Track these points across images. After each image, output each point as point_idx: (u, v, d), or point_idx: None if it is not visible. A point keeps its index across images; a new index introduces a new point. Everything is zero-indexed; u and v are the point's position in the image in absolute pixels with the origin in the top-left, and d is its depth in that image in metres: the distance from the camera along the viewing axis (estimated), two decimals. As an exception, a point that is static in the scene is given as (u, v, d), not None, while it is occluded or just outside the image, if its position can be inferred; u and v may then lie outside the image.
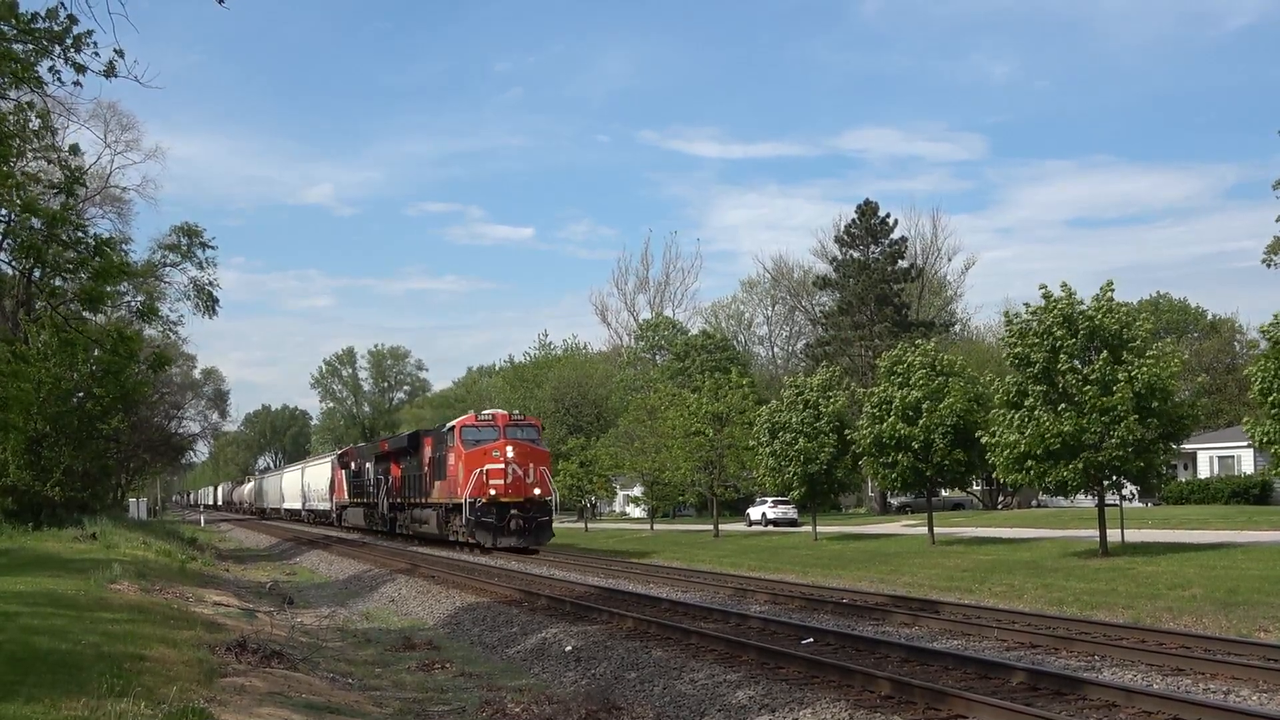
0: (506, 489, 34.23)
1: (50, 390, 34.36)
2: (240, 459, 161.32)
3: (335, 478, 59.39)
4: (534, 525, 34.59)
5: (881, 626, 15.86)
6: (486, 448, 34.60)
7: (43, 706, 8.72)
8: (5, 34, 14.13)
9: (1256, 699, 10.39)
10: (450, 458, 35.87)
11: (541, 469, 35.18)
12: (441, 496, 37.26)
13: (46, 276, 18.05)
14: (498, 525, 33.95)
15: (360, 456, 54.48)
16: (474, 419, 36.25)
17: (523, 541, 34.09)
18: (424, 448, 40.00)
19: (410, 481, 42.44)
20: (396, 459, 45.01)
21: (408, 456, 43.12)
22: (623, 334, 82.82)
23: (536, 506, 34.81)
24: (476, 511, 34.13)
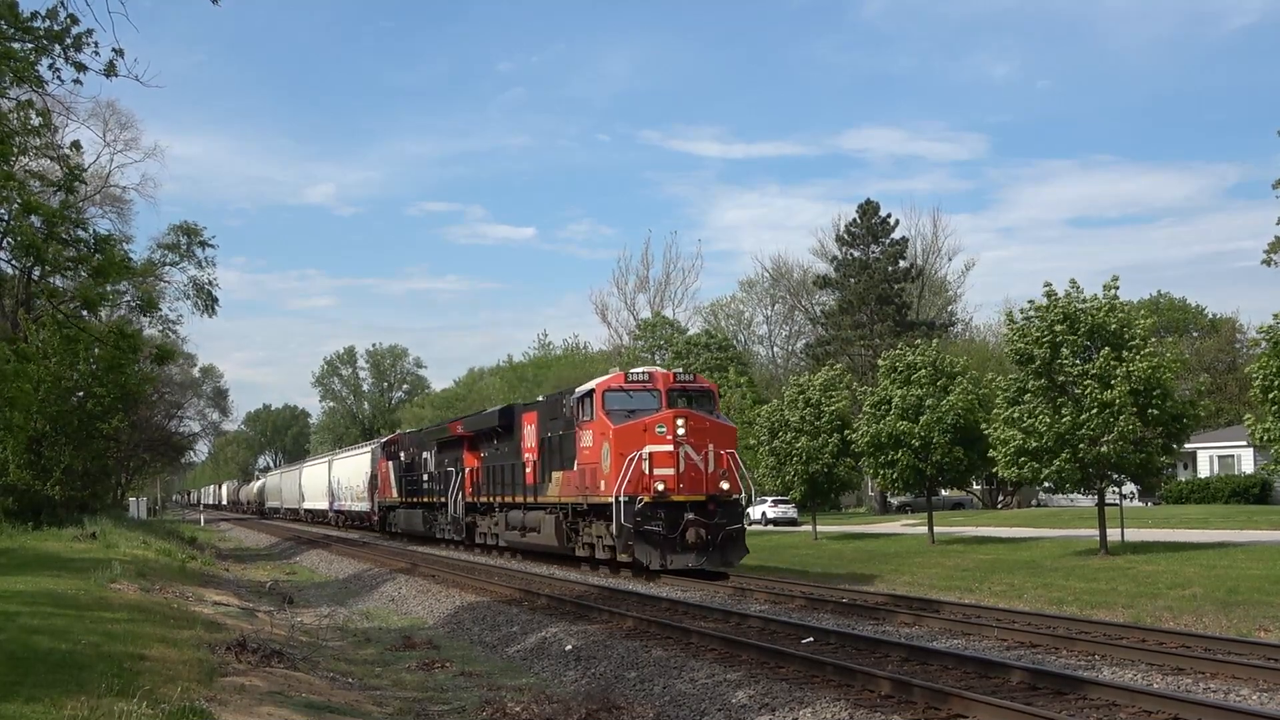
0: (680, 482, 23.17)
1: (50, 389, 34.36)
2: (240, 458, 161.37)
3: (379, 472, 48.78)
4: (721, 537, 23.29)
5: (882, 626, 15.86)
6: (646, 422, 23.42)
7: (43, 706, 8.72)
8: (5, 33, 14.13)
9: (1256, 699, 10.39)
10: (585, 437, 25.00)
11: (728, 453, 23.81)
12: (565, 494, 26.25)
13: (46, 275, 18.05)
14: (668, 536, 22.95)
15: (415, 445, 43.78)
16: (622, 380, 24.88)
17: (705, 561, 23.16)
18: (521, 427, 29.80)
19: (499, 474, 31.74)
20: (474, 445, 34.72)
21: (493, 441, 32.73)
22: (623, 333, 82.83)
23: (724, 509, 23.58)
24: (635, 517, 22.95)
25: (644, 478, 23.13)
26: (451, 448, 37.12)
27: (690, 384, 25.28)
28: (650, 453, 23.28)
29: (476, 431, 34.38)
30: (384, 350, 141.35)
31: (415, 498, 42.21)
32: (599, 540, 25.05)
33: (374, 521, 50.72)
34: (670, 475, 23.21)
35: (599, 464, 24.06)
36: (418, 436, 44.55)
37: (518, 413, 30.94)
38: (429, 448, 40.42)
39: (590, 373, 65.44)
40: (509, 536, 30.93)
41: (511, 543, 31.03)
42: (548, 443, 27.59)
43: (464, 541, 35.93)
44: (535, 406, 29.89)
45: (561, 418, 26.72)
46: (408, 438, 46.61)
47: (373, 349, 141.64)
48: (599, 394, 24.43)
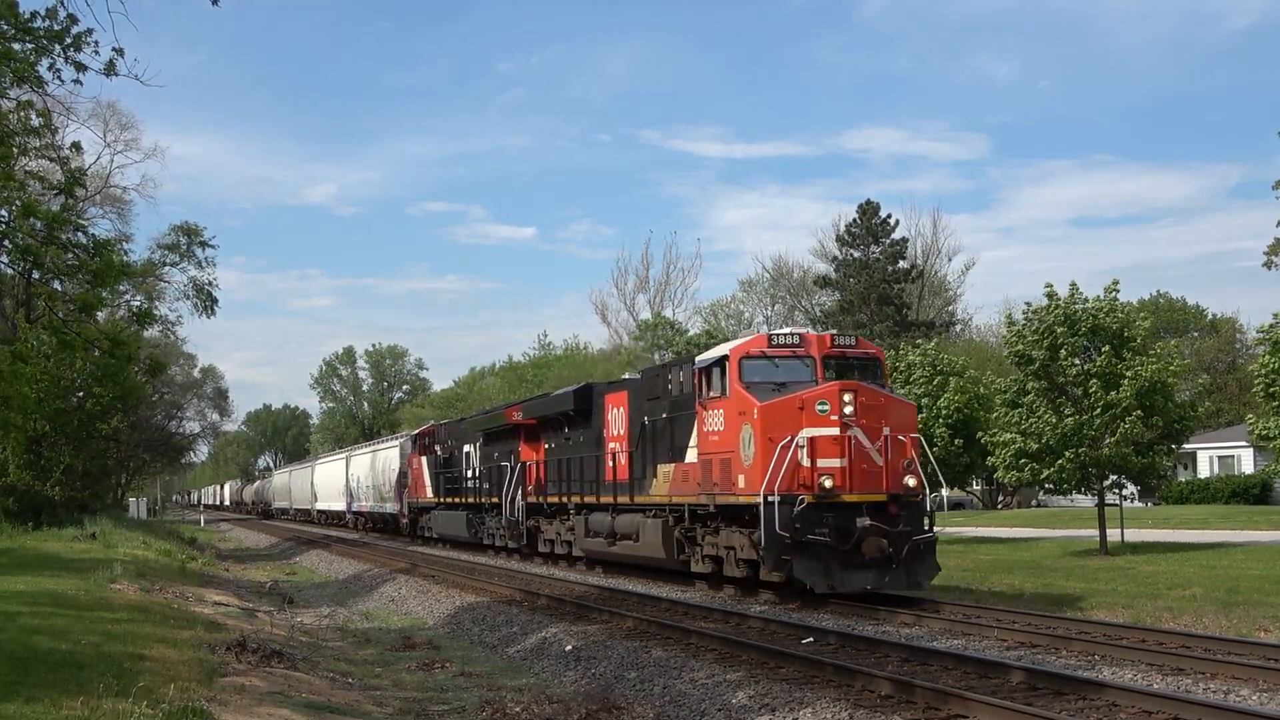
0: (851, 477, 17.63)
1: (48, 389, 34.37)
2: (241, 458, 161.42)
3: (410, 469, 43.22)
4: (906, 548, 17.68)
5: (881, 626, 15.86)
6: (803, 398, 17.81)
7: (43, 706, 8.73)
8: (5, 33, 14.14)
9: (1256, 699, 10.39)
10: (712, 419, 19.39)
11: (908, 438, 18.31)
12: (676, 492, 20.68)
13: (45, 278, 18.06)
14: (837, 549, 17.38)
15: (455, 437, 38.41)
16: (764, 344, 19.06)
17: (888, 581, 17.67)
18: (604, 411, 24.57)
19: (572, 469, 26.26)
20: (534, 434, 29.55)
21: (562, 429, 27.60)
22: (623, 333, 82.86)
23: (908, 511, 18.03)
24: (794, 523, 17.26)
25: (800, 471, 17.51)
26: (503, 439, 31.85)
27: (851, 348, 19.43)
28: (810, 438, 17.54)
29: (539, 418, 29.06)
30: (384, 350, 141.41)
31: (456, 498, 36.51)
32: (731, 552, 19.15)
33: (403, 525, 44.77)
34: (838, 468, 17.55)
35: (735, 453, 18.39)
36: (458, 427, 38.72)
37: (598, 394, 25.64)
38: (472, 440, 35.10)
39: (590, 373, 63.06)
40: (591, 545, 25.00)
41: (594, 553, 25.39)
42: (649, 429, 21.93)
43: (522, 550, 30.25)
44: (624, 385, 24.55)
45: (666, 397, 21.34)
46: (445, 429, 41.05)
47: (372, 349, 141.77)
48: (734, 361, 18.69)
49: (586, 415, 25.93)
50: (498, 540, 32.29)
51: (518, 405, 31.91)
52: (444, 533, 38.14)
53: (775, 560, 17.58)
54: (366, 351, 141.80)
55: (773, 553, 17.49)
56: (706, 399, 19.53)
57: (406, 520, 43.87)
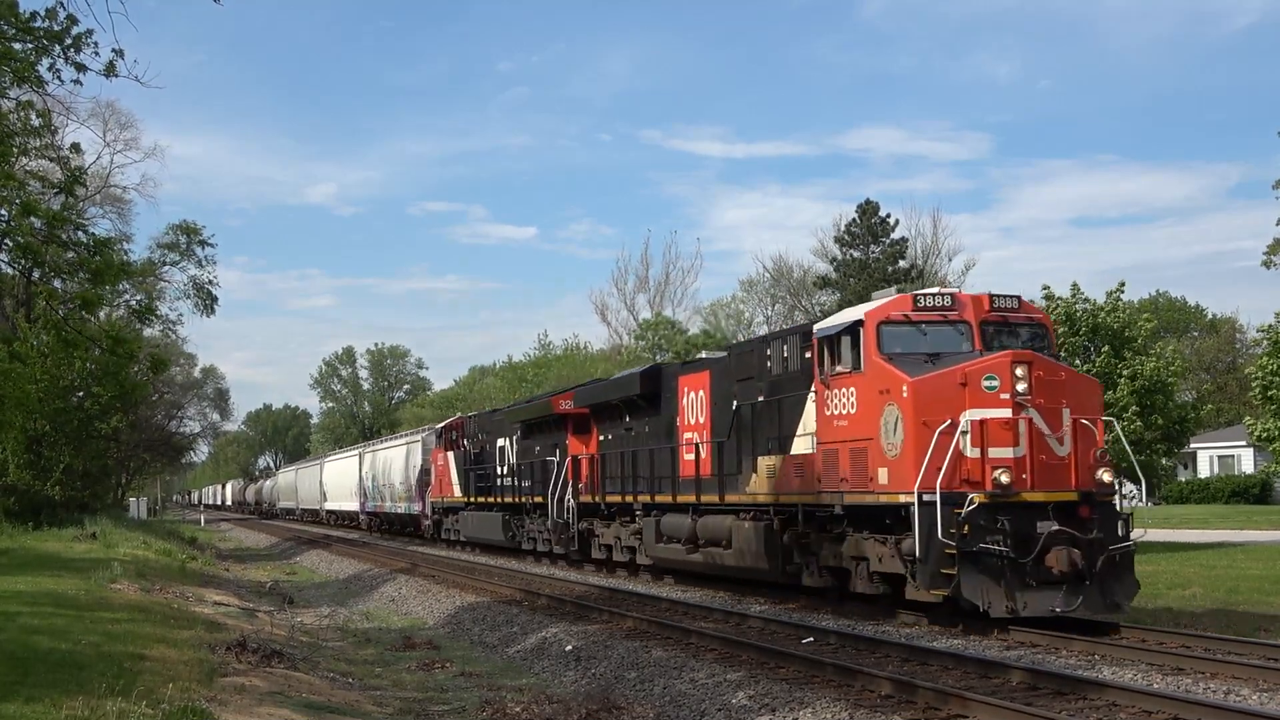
0: (1030, 471, 14.36)
1: (48, 389, 34.39)
2: (241, 458, 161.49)
3: (435, 465, 39.31)
4: (1101, 560, 14.34)
5: (881, 626, 15.86)
6: (965, 371, 14.61)
7: (43, 706, 8.73)
8: (5, 33, 14.15)
9: (1256, 699, 10.39)
10: (837, 400, 15.93)
11: (1095, 423, 14.95)
12: (784, 489, 17.32)
13: (45, 277, 18.08)
14: (1017, 561, 14.06)
15: (487, 429, 34.63)
16: (908, 305, 15.65)
17: (1080, 602, 14.21)
18: (678, 395, 21.46)
19: (635, 463, 23.09)
20: (584, 425, 26.58)
21: (622, 418, 24.42)
22: (623, 333, 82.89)
23: (1101, 514, 14.67)
24: (961, 528, 14.03)
25: (965, 463, 14.22)
26: (546, 430, 28.75)
27: (1014, 312, 15.93)
28: (977, 421, 14.19)
29: (594, 406, 25.86)
30: (384, 350, 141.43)
31: (489, 497, 32.99)
32: (861, 565, 15.74)
33: (425, 527, 41.28)
34: (1012, 459, 14.20)
35: (873, 441, 15.00)
36: (491, 419, 35.05)
37: (669, 376, 22.47)
38: (508, 432, 31.83)
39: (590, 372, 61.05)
40: (663, 552, 21.74)
41: (666, 561, 22.02)
42: (742, 415, 18.63)
43: (571, 556, 27.11)
44: (703, 365, 21.41)
45: (763, 376, 18.08)
46: (475, 421, 37.10)
47: (373, 349, 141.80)
48: (872, 327, 15.27)
49: (654, 401, 22.72)
50: (540, 545, 28.91)
51: (565, 392, 28.76)
52: (474, 536, 34.70)
53: (933, 575, 14.01)
54: (367, 351, 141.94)
55: (931, 566, 13.94)
56: (830, 375, 15.94)
57: (429, 522, 40.43)
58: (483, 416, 37.16)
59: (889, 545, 15.03)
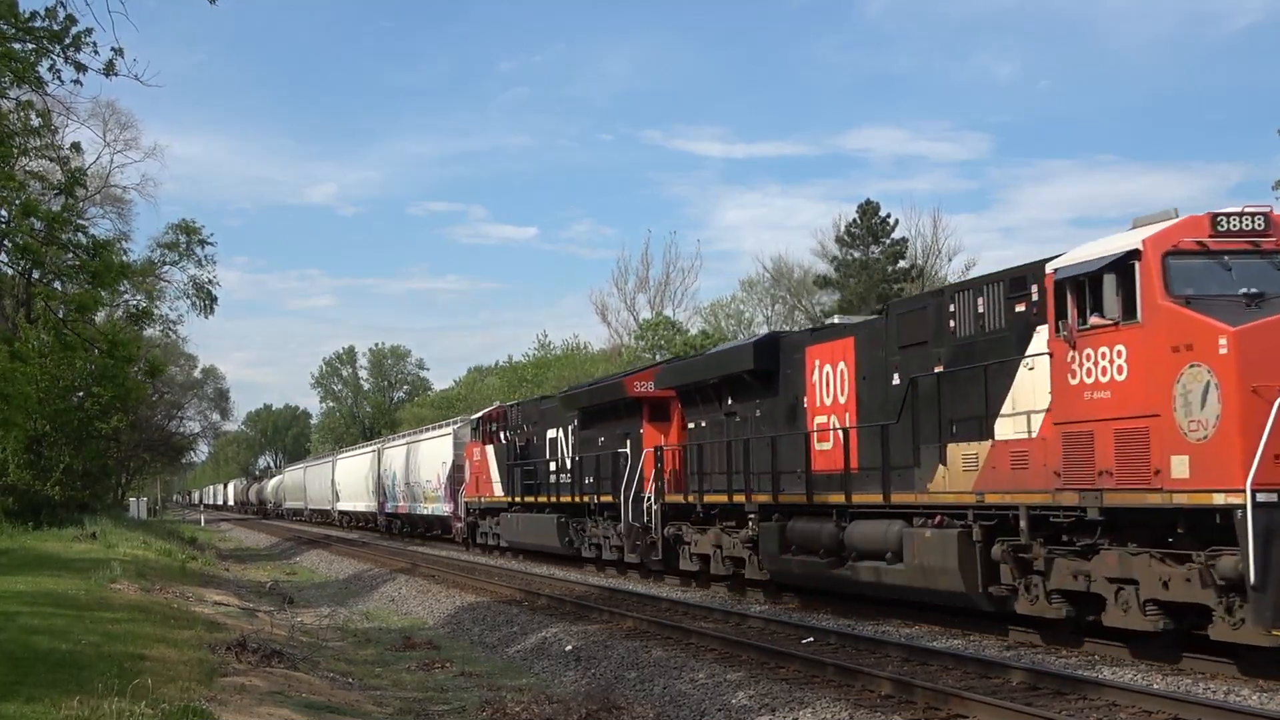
0: None
1: (48, 389, 34.39)
2: (241, 458, 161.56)
3: (469, 461, 35.42)
4: None
5: (881, 626, 15.86)
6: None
7: (43, 706, 8.72)
8: (5, 33, 14.15)
9: (1256, 699, 10.39)
10: (1093, 361, 12.11)
11: None
12: (985, 484, 13.65)
13: (45, 278, 18.10)
14: None
15: (533, 419, 31.06)
16: (1203, 229, 11.74)
17: None
18: (805, 369, 17.92)
19: (750, 454, 18.99)
20: (663, 410, 23.47)
21: (722, 400, 20.61)
22: (623, 333, 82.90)
23: None
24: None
25: None
26: (613, 418, 25.14)
27: None
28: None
29: (684, 387, 22.05)
30: (384, 350, 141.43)
31: (540, 496, 29.21)
32: (1128, 590, 11.95)
33: (457, 530, 37.47)
34: None
35: (1164, 417, 11.25)
36: (539, 407, 31.40)
37: (791, 347, 18.64)
38: (562, 421, 28.37)
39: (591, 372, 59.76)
40: (793, 566, 17.75)
41: (796, 576, 18.05)
42: (923, 389, 14.81)
43: (650, 564, 23.17)
44: (843, 331, 17.56)
45: (944, 340, 14.60)
46: (519, 410, 33.13)
47: (373, 349, 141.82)
48: (1154, 259, 11.62)
49: (769, 379, 18.92)
50: (607, 552, 25.11)
51: (641, 372, 25.11)
52: (520, 541, 30.45)
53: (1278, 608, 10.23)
54: (367, 351, 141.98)
55: (1274, 594, 10.22)
56: (1078, 330, 12.26)
57: (462, 524, 36.48)
58: (528, 405, 33.21)
59: (1190, 566, 11.11)
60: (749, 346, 19.89)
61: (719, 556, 20.43)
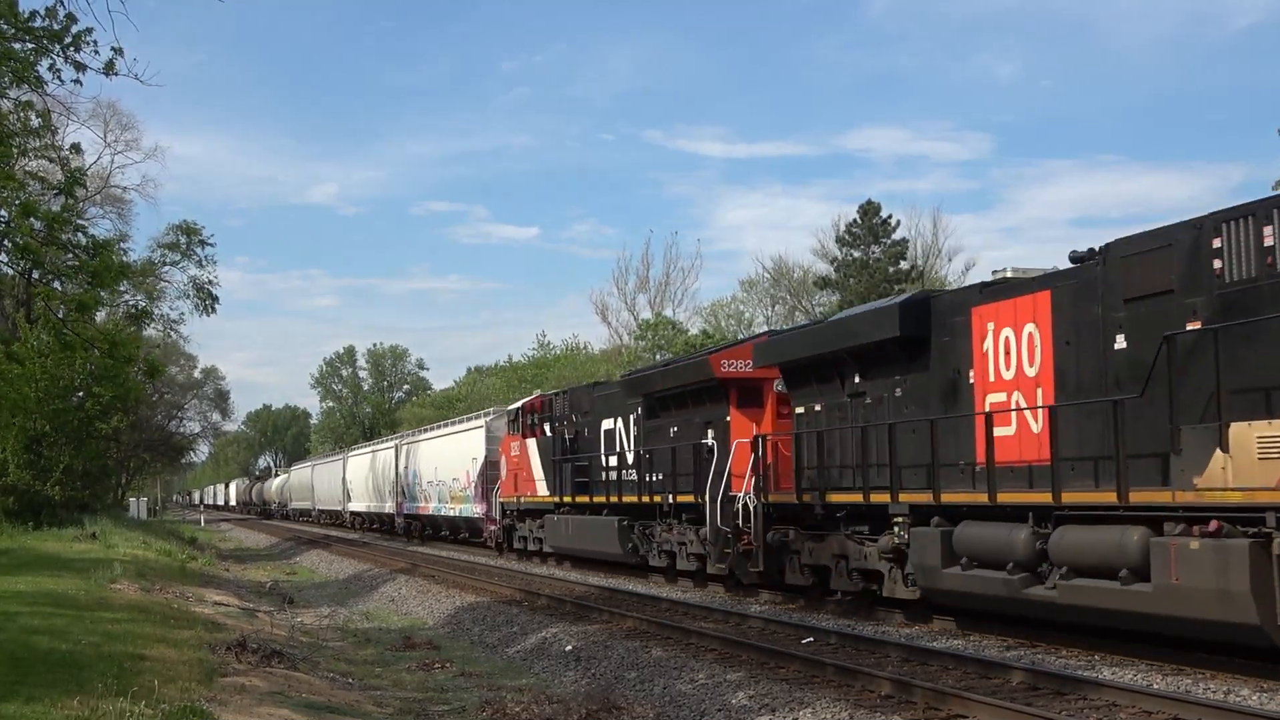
0: None
1: (47, 388, 34.41)
2: (241, 458, 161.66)
3: (505, 456, 32.32)
4: None
5: (881, 626, 15.86)
6: None
7: (43, 706, 8.72)
8: (5, 33, 14.16)
9: (1256, 699, 10.38)
10: None
11: None
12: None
13: (45, 278, 18.11)
14: None
15: (584, 408, 27.80)
16: None
17: None
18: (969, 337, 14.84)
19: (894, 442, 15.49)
20: (755, 394, 20.56)
21: (848, 375, 17.29)
22: (623, 333, 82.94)
23: None
24: None
25: None
26: (690, 404, 22.02)
27: None
28: None
29: (793, 364, 18.60)
30: (384, 350, 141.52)
31: (594, 496, 25.87)
32: None
33: (490, 534, 34.06)
34: None
35: None
36: (594, 394, 27.74)
37: (948, 309, 15.27)
38: (623, 410, 25.07)
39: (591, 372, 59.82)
40: (964, 583, 13.89)
41: (974, 596, 13.99)
42: (1176, 349, 11.46)
43: (744, 576, 19.49)
44: (1030, 285, 14.03)
45: (1198, 288, 11.51)
46: (567, 399, 29.30)
47: (373, 349, 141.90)
48: None
49: (916, 349, 15.67)
50: (683, 560, 21.65)
51: (731, 349, 21.62)
52: (570, 547, 27.10)
53: None
54: (367, 351, 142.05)
55: None
56: None
57: (497, 527, 33.20)
58: (578, 392, 29.28)
59: None
60: (893, 310, 15.98)
61: (842, 569, 16.72)
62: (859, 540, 16.47)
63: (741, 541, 19.39)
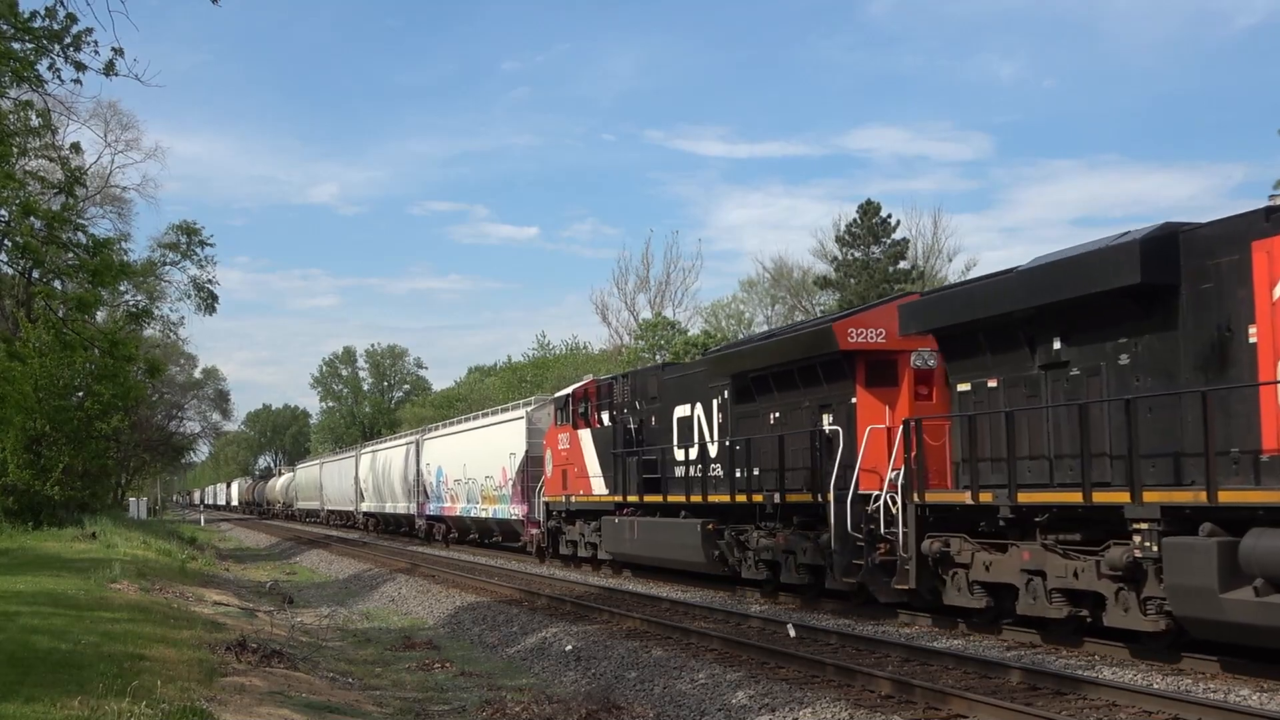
0: None
1: (48, 387, 34.43)
2: (240, 458, 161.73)
3: (552, 450, 28.70)
4: None
5: (881, 626, 15.86)
6: None
7: (43, 706, 8.71)
8: (5, 33, 14.16)
9: (1256, 699, 10.38)
10: None
11: None
12: None
13: (45, 278, 18.11)
14: None
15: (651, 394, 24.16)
16: None
17: None
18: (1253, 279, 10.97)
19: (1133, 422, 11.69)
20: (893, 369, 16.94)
21: (1052, 339, 13.52)
22: (623, 333, 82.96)
23: None
24: None
25: None
26: (799, 383, 18.37)
27: None
28: None
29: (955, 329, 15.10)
30: (384, 350, 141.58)
31: (670, 494, 22.18)
32: None
33: (532, 539, 30.48)
34: None
35: None
36: (661, 377, 24.18)
37: (1211, 244, 11.80)
38: (702, 394, 21.42)
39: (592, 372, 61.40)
40: (1253, 613, 10.35)
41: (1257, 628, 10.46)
42: None
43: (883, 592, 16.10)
44: None
45: None
46: (630, 383, 25.47)
47: (372, 349, 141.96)
48: None
49: (1155, 301, 12.23)
50: (789, 573, 18.19)
51: (861, 314, 17.92)
52: (637, 554, 23.40)
53: None
54: (367, 351, 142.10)
55: None
56: None
57: (540, 531, 29.70)
58: (644, 375, 25.49)
59: None
60: (1132, 249, 12.16)
61: (1036, 589, 13.20)
62: (1071, 554, 12.78)
63: (879, 550, 15.92)
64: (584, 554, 26.82)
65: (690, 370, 23.17)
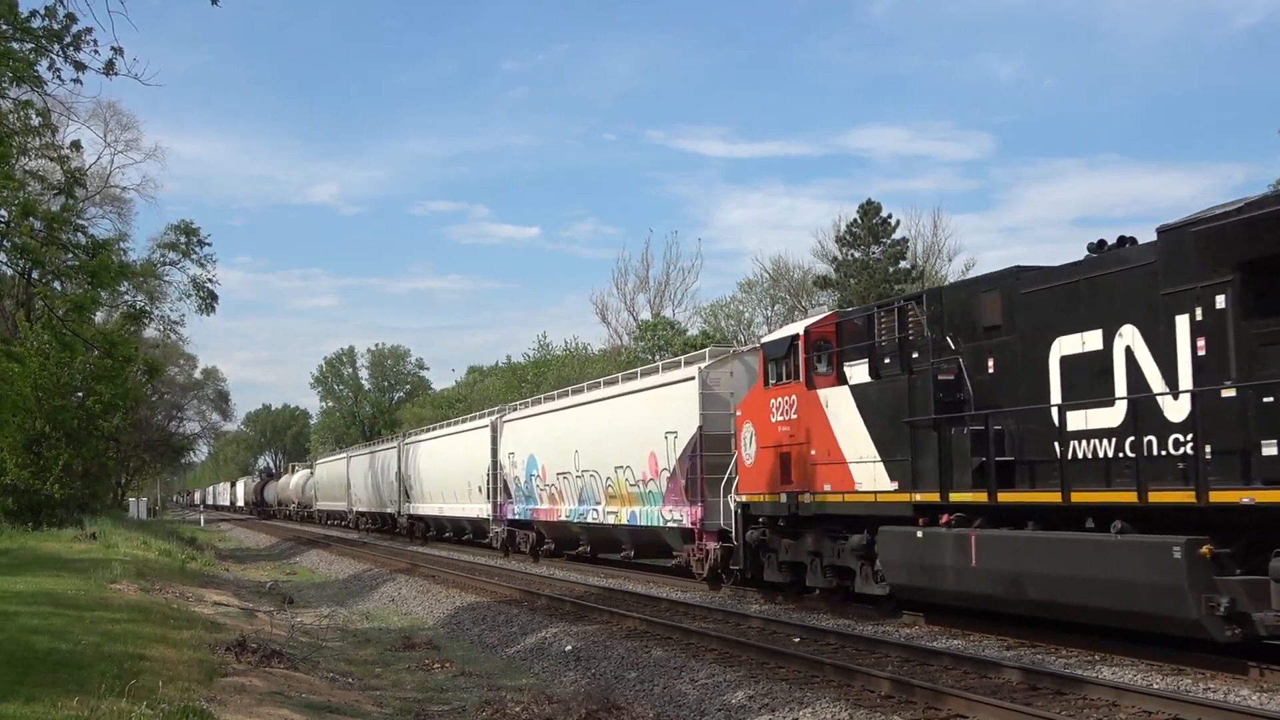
0: None
1: (47, 387, 34.42)
2: (240, 458, 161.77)
3: (748, 427, 19.27)
4: None
5: (881, 626, 15.86)
6: None
7: (42, 706, 8.71)
8: (5, 33, 14.16)
9: (1256, 699, 10.38)
10: None
11: None
12: None
13: (45, 278, 18.11)
14: None
15: (986, 322, 14.14)
16: None
17: None
18: None
19: None
20: None
21: None
22: (623, 334, 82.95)
23: None
24: None
25: None
26: None
27: None
28: None
29: None
30: (384, 350, 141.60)
31: (1074, 491, 12.34)
32: None
33: (705, 554, 21.28)
34: None
35: None
36: (1016, 288, 13.86)
37: None
38: (1127, 310, 12.25)
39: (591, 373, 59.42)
40: None
41: None
42: None
43: None
44: None
45: None
46: (931, 307, 15.21)
47: (373, 349, 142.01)
48: None
49: None
50: None
51: None
52: (975, 590, 13.80)
53: None
54: (367, 351, 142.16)
55: None
56: None
57: (717, 546, 20.94)
58: (963, 293, 15.29)
59: None
60: None
61: None
62: None
63: None
64: (821, 583, 17.69)
65: (1096, 272, 12.86)
